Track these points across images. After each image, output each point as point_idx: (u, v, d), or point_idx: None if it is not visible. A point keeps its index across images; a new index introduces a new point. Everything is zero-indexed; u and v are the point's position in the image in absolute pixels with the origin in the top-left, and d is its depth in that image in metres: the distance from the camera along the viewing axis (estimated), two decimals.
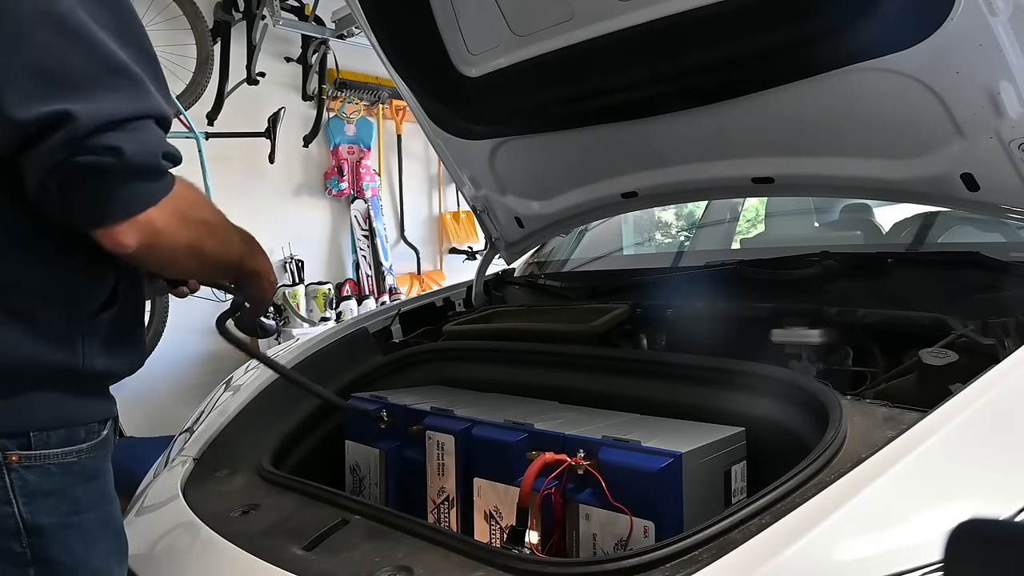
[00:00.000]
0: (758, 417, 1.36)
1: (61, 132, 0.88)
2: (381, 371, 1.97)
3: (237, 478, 1.52)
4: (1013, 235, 1.95)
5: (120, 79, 0.94)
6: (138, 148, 0.93)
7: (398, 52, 1.99)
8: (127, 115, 0.92)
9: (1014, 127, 1.45)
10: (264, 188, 4.86)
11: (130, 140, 0.92)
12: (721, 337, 1.68)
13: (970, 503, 0.96)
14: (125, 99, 0.93)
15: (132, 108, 0.93)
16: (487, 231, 2.49)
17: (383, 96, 5.31)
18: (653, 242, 3.69)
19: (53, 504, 1.00)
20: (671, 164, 2.02)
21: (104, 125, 0.90)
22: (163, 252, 1.01)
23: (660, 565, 0.95)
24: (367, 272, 5.28)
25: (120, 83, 0.94)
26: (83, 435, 1.05)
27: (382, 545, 1.15)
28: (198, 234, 1.05)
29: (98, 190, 0.93)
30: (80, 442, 1.04)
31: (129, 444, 3.39)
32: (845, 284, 1.74)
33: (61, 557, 1.01)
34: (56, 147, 0.89)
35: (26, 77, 0.90)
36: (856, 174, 1.77)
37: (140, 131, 0.94)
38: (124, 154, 0.91)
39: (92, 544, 1.05)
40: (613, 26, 1.67)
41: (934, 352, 1.26)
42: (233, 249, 1.17)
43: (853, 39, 1.45)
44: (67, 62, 0.91)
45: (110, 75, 0.93)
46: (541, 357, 1.81)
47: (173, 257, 1.04)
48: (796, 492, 0.99)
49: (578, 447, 1.26)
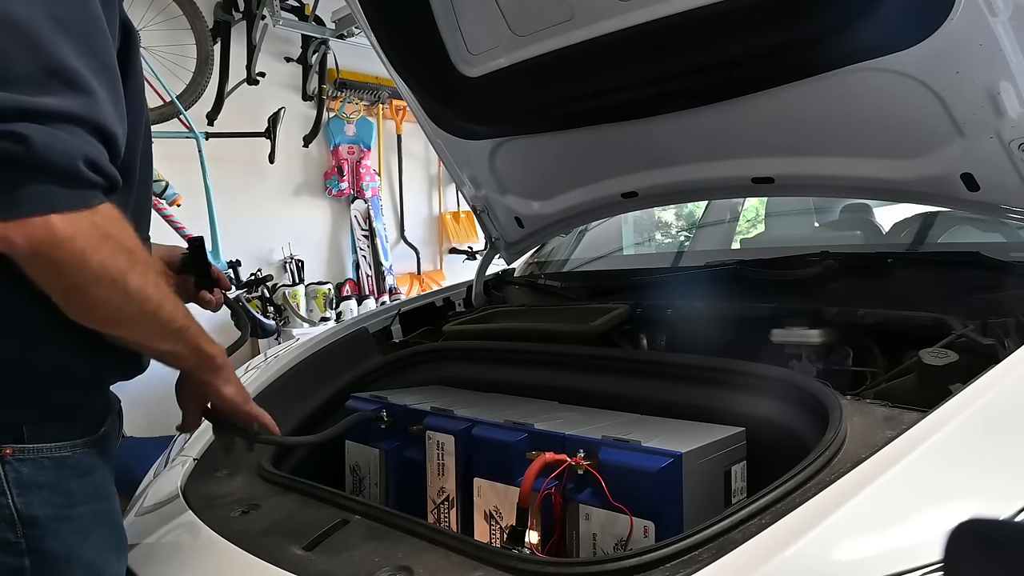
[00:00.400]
0: (758, 417, 1.36)
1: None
2: (381, 371, 1.97)
3: (237, 478, 1.52)
4: (1013, 235, 1.95)
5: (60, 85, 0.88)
6: (53, 145, 0.85)
7: (398, 52, 1.99)
8: (52, 110, 0.86)
9: (1014, 127, 1.45)
10: (264, 188, 4.86)
11: (46, 134, 0.85)
12: (721, 337, 1.68)
13: (970, 503, 0.96)
14: (56, 95, 0.87)
15: (61, 107, 0.87)
16: (487, 231, 2.49)
17: (383, 96, 5.31)
18: (653, 242, 3.69)
19: (47, 496, 1.02)
20: (671, 164, 2.02)
21: (17, 112, 0.84)
22: (67, 269, 0.90)
23: (660, 565, 0.94)
24: (367, 272, 5.28)
25: (52, 73, 0.88)
26: (78, 431, 1.06)
27: (382, 545, 1.15)
28: (119, 263, 0.93)
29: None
30: (74, 437, 1.05)
31: (129, 444, 3.39)
32: (845, 284, 1.74)
33: (55, 548, 1.03)
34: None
35: None
36: (856, 174, 1.77)
37: (64, 132, 0.87)
38: (33, 146, 0.84)
39: (86, 536, 1.06)
40: (613, 26, 1.66)
41: (934, 352, 1.26)
42: (171, 307, 1.04)
43: (853, 39, 1.45)
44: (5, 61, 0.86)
45: (48, 79, 0.87)
46: (541, 357, 1.81)
47: (82, 281, 0.91)
48: (796, 492, 0.99)
49: (578, 447, 1.26)
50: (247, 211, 4.73)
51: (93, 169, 0.90)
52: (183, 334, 1.08)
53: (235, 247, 4.50)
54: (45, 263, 0.89)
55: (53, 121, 0.86)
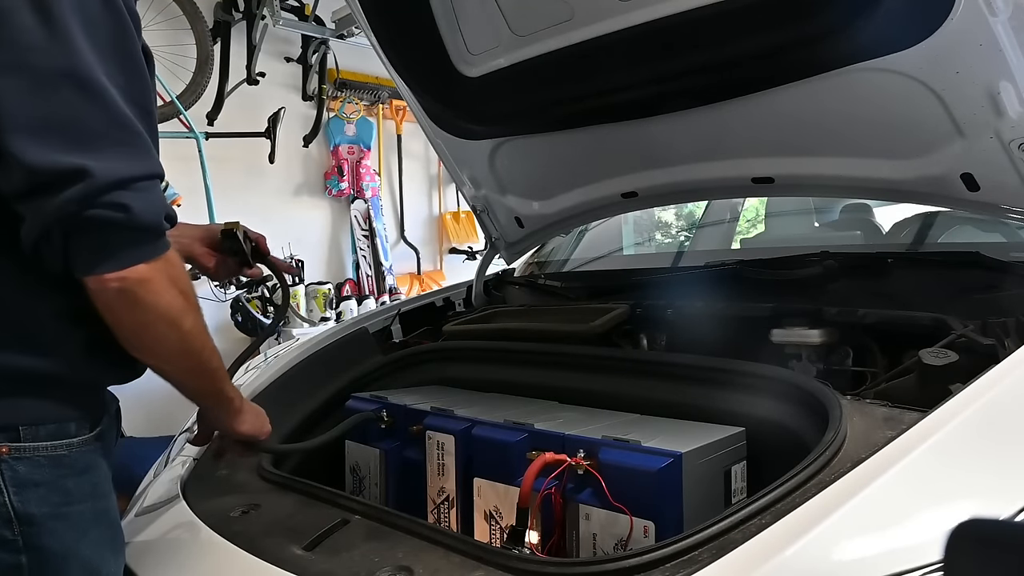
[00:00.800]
0: (758, 417, 1.36)
1: (77, 187, 0.93)
2: (381, 371, 1.97)
3: (237, 478, 1.52)
4: (1013, 235, 1.95)
5: (129, 137, 0.99)
6: (145, 207, 0.98)
7: (398, 52, 1.99)
8: (136, 175, 0.98)
9: (1014, 127, 1.45)
10: (264, 188, 4.86)
11: (138, 199, 0.97)
12: (721, 337, 1.68)
13: (970, 503, 0.96)
14: (133, 159, 0.99)
15: (140, 169, 0.99)
16: (487, 231, 2.49)
17: (383, 96, 5.31)
18: (653, 242, 3.69)
19: (43, 494, 1.04)
20: (671, 164, 2.02)
21: (117, 183, 0.96)
22: (141, 309, 1.02)
23: (660, 565, 0.94)
24: (367, 272, 5.28)
25: (128, 141, 0.99)
26: (73, 430, 1.08)
27: (382, 545, 1.15)
28: (179, 304, 1.06)
29: (101, 242, 0.98)
30: (70, 436, 1.07)
31: (129, 444, 3.39)
32: (845, 284, 1.74)
33: (52, 546, 1.04)
34: (71, 200, 0.94)
35: (44, 128, 0.94)
36: (856, 174, 1.77)
37: (147, 191, 1.00)
38: (132, 212, 0.97)
39: (83, 534, 1.08)
40: (613, 26, 1.67)
41: (934, 352, 1.26)
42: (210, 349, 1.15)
43: (853, 39, 1.45)
44: (83, 118, 0.96)
45: (121, 133, 0.98)
46: (541, 357, 1.81)
47: (149, 319, 1.04)
48: (796, 492, 0.99)
49: (578, 447, 1.26)
50: (247, 211, 4.70)
51: (168, 220, 1.04)
52: (213, 375, 1.19)
53: None
54: (126, 303, 1.02)
55: (139, 182, 0.98)
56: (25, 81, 0.94)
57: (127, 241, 0.99)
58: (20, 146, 0.93)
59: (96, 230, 0.97)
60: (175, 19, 4.12)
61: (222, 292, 4.35)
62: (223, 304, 4.31)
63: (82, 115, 0.96)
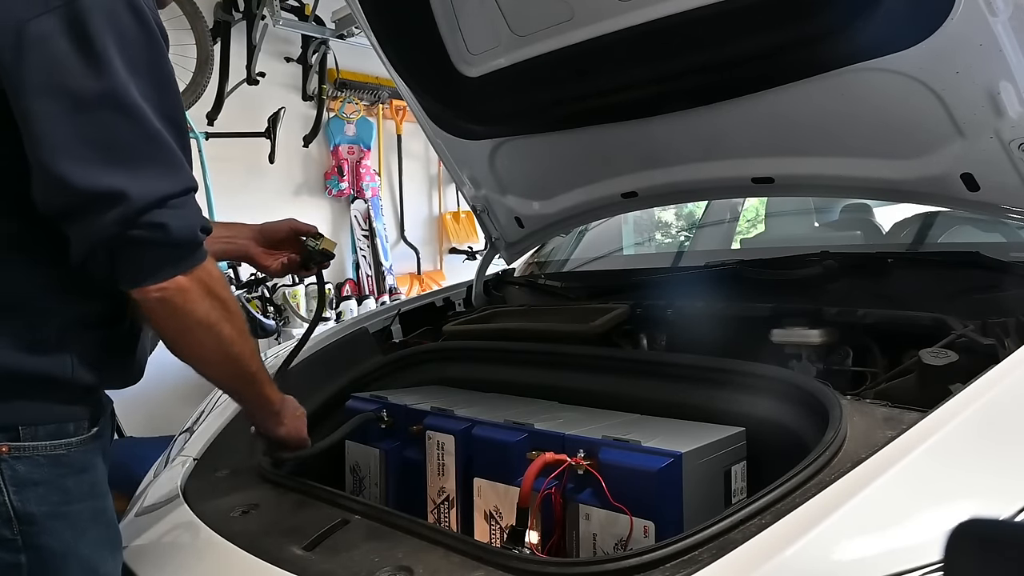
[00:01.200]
0: (758, 417, 1.36)
1: (116, 209, 0.99)
2: (381, 371, 1.97)
3: (237, 478, 1.52)
4: (1013, 235, 1.95)
5: (163, 154, 1.04)
6: (182, 224, 1.05)
7: (398, 52, 1.99)
8: (171, 193, 1.04)
9: (1014, 127, 1.45)
10: (264, 188, 4.86)
11: (175, 217, 1.04)
12: (721, 337, 1.68)
13: (970, 503, 0.96)
14: (168, 176, 1.04)
15: (175, 186, 1.04)
16: (487, 231, 2.49)
17: (383, 96, 5.31)
18: (653, 242, 3.69)
19: (43, 493, 1.05)
20: (671, 164, 2.02)
21: (154, 203, 1.01)
22: (180, 316, 1.09)
23: (660, 565, 0.94)
24: (367, 272, 5.28)
25: (162, 158, 1.04)
26: (72, 430, 1.09)
27: (382, 545, 1.15)
28: (217, 312, 1.12)
29: (143, 258, 1.04)
30: (69, 436, 1.09)
31: (129, 444, 3.39)
32: (845, 284, 1.74)
33: (51, 545, 1.06)
34: (111, 222, 0.99)
35: (84, 148, 0.98)
36: (856, 174, 1.77)
37: (183, 207, 1.05)
38: (169, 230, 1.03)
39: (82, 534, 1.09)
40: (613, 26, 1.66)
41: (934, 352, 1.26)
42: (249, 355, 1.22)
43: (853, 39, 1.45)
44: (121, 138, 1.00)
45: (155, 151, 1.03)
46: (541, 357, 1.81)
47: (188, 325, 1.11)
48: (796, 492, 0.99)
49: (578, 447, 1.26)
50: (247, 211, 4.70)
51: (204, 232, 1.10)
52: (253, 379, 1.26)
53: None
54: (167, 311, 1.08)
55: (176, 199, 1.04)
56: (65, 104, 0.98)
57: (166, 256, 1.06)
58: (60, 167, 0.97)
59: (137, 248, 1.03)
60: (175, 19, 4.12)
61: None
62: None
63: (119, 135, 1.00)
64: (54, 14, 0.97)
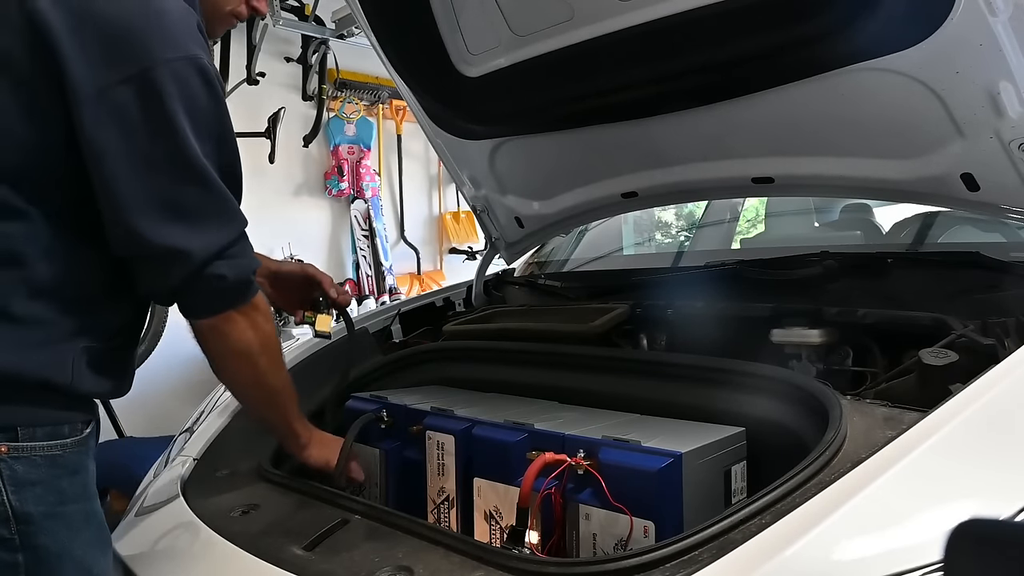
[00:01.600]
0: (758, 417, 1.36)
1: (180, 265, 1.13)
2: (381, 371, 1.97)
3: (237, 478, 1.52)
4: (1013, 235, 1.95)
5: (222, 208, 1.17)
6: (237, 272, 1.19)
7: (398, 52, 1.99)
8: (229, 243, 1.17)
9: (1014, 127, 1.45)
10: (264, 188, 4.85)
11: (231, 267, 1.17)
12: (721, 337, 1.68)
13: (970, 503, 0.96)
14: (226, 227, 1.17)
15: (231, 235, 1.18)
16: (487, 231, 2.49)
17: (383, 96, 5.31)
18: (653, 242, 3.69)
19: (40, 494, 1.07)
20: (671, 164, 2.02)
21: (214, 255, 1.15)
22: (224, 342, 1.23)
23: (660, 565, 0.94)
24: (367, 272, 5.28)
25: (221, 211, 1.17)
26: (67, 431, 1.12)
27: (382, 545, 1.15)
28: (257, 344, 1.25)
29: (202, 299, 1.19)
30: (64, 437, 1.12)
31: (129, 444, 3.38)
32: (845, 284, 1.74)
33: (48, 544, 1.08)
34: (176, 276, 1.14)
35: (155, 206, 1.11)
36: (856, 174, 1.77)
37: (239, 256, 1.19)
38: (227, 278, 1.17)
39: (76, 534, 1.12)
40: (613, 26, 1.67)
41: (934, 352, 1.26)
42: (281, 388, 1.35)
43: (853, 39, 1.45)
44: (187, 197, 1.13)
45: (215, 206, 1.16)
46: (541, 357, 1.81)
47: (229, 351, 1.24)
48: (796, 492, 0.99)
49: (578, 447, 1.26)
50: (247, 211, 4.68)
51: (254, 273, 1.23)
52: (282, 411, 1.39)
53: None
54: (214, 337, 1.23)
55: (229, 249, 1.17)
56: (137, 166, 1.09)
57: (222, 297, 1.20)
58: (134, 223, 1.09)
59: (197, 294, 1.17)
60: None
61: None
62: None
63: (184, 194, 1.12)
64: (131, 83, 1.07)
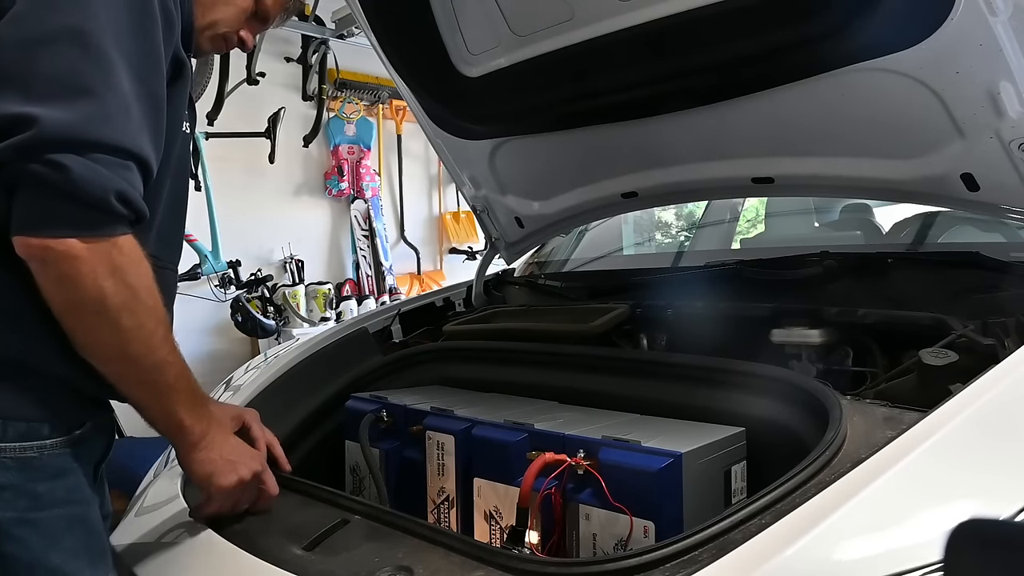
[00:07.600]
0: (758, 417, 1.36)
1: (21, 136, 0.88)
2: (381, 371, 1.97)
3: None
4: (1013, 235, 1.95)
5: (111, 97, 0.92)
6: (91, 178, 0.91)
7: (398, 52, 1.99)
8: (98, 141, 0.91)
9: (1014, 127, 1.45)
10: (264, 188, 4.86)
11: (87, 168, 0.90)
12: (721, 337, 1.68)
13: (970, 503, 0.96)
14: (107, 123, 0.91)
15: (110, 136, 0.92)
16: (487, 231, 2.49)
17: (383, 96, 5.31)
18: (653, 242, 3.69)
19: (9, 499, 0.97)
20: (671, 164, 2.02)
21: (66, 141, 0.89)
22: (67, 289, 0.94)
23: (660, 565, 0.94)
24: (367, 272, 5.28)
25: (108, 101, 0.92)
26: (47, 431, 1.01)
27: (382, 545, 1.15)
28: (119, 297, 0.95)
29: (32, 202, 0.91)
30: (42, 438, 1.01)
31: (129, 444, 3.38)
32: (845, 284, 1.74)
33: (16, 553, 0.98)
34: (9, 148, 0.89)
35: (29, 78, 0.90)
36: (856, 174, 1.77)
37: (108, 166, 0.92)
38: (71, 177, 0.89)
39: (54, 542, 1.01)
40: (613, 26, 1.66)
41: (934, 352, 1.26)
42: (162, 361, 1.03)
43: (853, 39, 1.45)
44: (71, 68, 0.91)
45: (103, 90, 0.92)
46: (541, 357, 1.81)
47: (76, 302, 0.95)
48: (796, 492, 0.99)
49: (578, 447, 1.26)
50: (247, 211, 4.74)
51: (123, 202, 0.94)
52: (163, 393, 1.06)
53: (235, 247, 4.50)
54: (52, 275, 0.94)
55: (96, 151, 0.90)
56: (24, 34, 0.91)
57: (63, 210, 0.91)
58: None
59: (33, 189, 0.90)
60: None
61: (222, 292, 4.36)
62: (223, 304, 4.32)
63: (70, 64, 0.91)
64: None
